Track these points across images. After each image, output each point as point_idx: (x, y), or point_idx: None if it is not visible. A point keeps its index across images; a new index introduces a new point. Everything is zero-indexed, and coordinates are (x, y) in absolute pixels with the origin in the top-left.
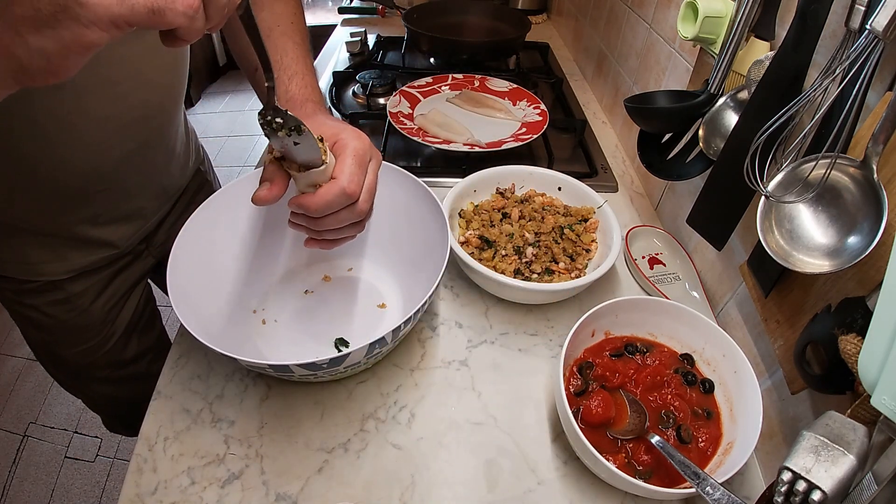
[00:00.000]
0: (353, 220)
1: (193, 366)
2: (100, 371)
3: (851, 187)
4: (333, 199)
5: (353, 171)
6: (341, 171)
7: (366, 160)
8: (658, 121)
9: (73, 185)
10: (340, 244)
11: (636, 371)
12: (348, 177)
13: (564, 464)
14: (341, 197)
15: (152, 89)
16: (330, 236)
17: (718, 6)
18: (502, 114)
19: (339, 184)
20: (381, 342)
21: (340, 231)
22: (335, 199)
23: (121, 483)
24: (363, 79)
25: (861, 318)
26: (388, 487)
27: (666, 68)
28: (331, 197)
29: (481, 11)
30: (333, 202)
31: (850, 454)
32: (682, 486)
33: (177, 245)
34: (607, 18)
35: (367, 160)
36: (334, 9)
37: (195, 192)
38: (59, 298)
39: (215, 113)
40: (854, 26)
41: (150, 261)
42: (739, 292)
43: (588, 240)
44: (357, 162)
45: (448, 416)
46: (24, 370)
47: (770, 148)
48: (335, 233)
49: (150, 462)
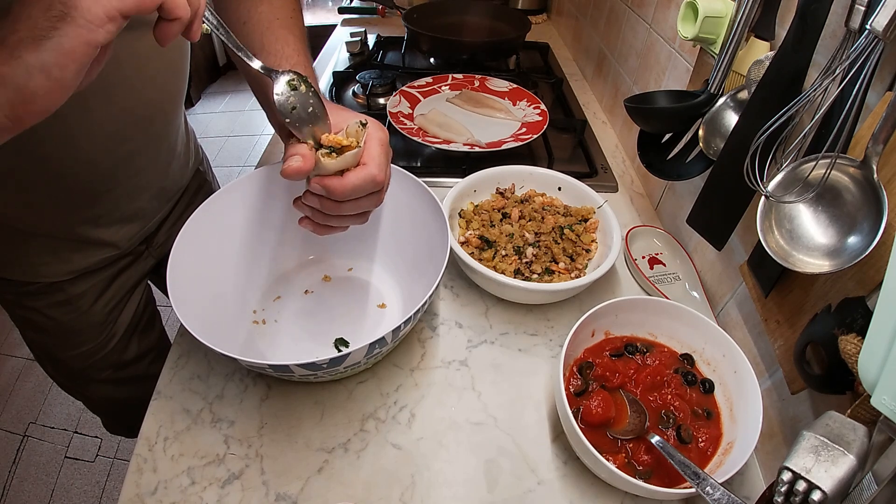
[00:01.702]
0: (369, 208)
1: (193, 366)
2: (100, 372)
3: (851, 187)
4: (362, 183)
5: (382, 159)
6: (371, 158)
7: (389, 150)
8: (658, 121)
9: (75, 185)
10: (335, 231)
11: (636, 371)
12: (378, 164)
13: (564, 464)
14: (369, 183)
15: (153, 90)
16: (335, 222)
17: (718, 6)
18: (502, 114)
19: (370, 170)
20: (381, 342)
21: (349, 219)
22: (363, 185)
23: (121, 483)
24: (363, 79)
25: (861, 318)
26: (388, 487)
27: (666, 68)
28: (360, 182)
29: (481, 11)
30: (361, 187)
31: (850, 454)
32: (682, 486)
33: (177, 245)
34: (607, 18)
35: (390, 150)
36: (334, 9)
37: (195, 192)
38: (60, 300)
39: (215, 113)
40: (854, 26)
41: (151, 261)
42: (739, 292)
43: (588, 240)
44: (384, 151)
45: (448, 416)
46: (24, 370)
47: (770, 148)
48: (341, 220)
49: (150, 462)
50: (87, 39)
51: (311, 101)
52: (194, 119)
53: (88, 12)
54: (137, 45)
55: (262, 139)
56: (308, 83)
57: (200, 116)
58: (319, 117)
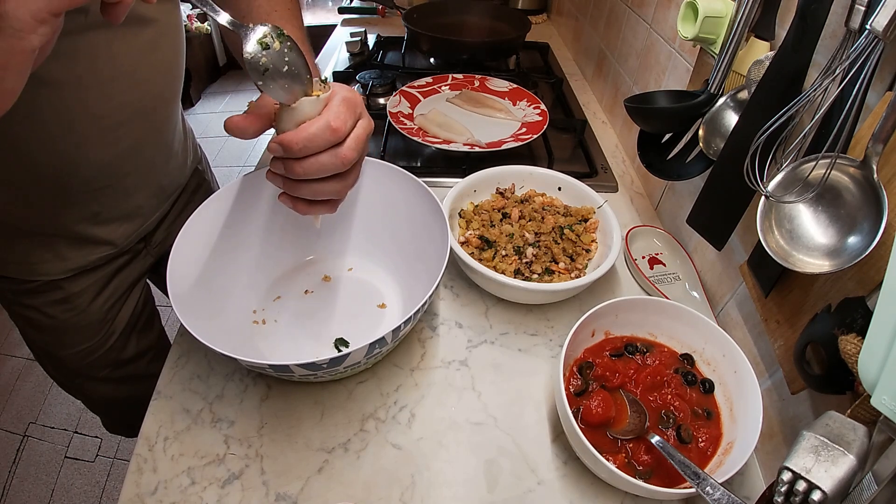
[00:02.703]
0: (337, 170)
1: (193, 366)
2: (99, 371)
3: (851, 187)
4: (317, 131)
5: (339, 109)
6: (328, 110)
7: (355, 108)
8: (658, 121)
9: (72, 182)
10: (317, 210)
11: (636, 371)
12: (335, 113)
13: (564, 464)
14: (325, 131)
15: (148, 86)
16: (307, 192)
17: (718, 6)
18: (502, 114)
19: (324, 117)
20: (381, 342)
21: (320, 186)
22: (318, 133)
23: (121, 483)
24: (363, 79)
25: (861, 318)
26: (388, 487)
27: (666, 68)
28: (314, 129)
29: (481, 11)
30: (316, 135)
31: (850, 454)
32: (682, 486)
33: (176, 245)
34: (607, 18)
35: (356, 109)
36: (334, 9)
37: (193, 191)
38: (58, 298)
39: (215, 113)
40: (854, 26)
41: (149, 259)
42: (739, 292)
43: (588, 240)
44: (346, 104)
45: (448, 416)
46: (24, 370)
47: (770, 148)
48: (314, 187)
49: (150, 462)
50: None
51: (286, 59)
52: (194, 119)
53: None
54: (132, 40)
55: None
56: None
57: (200, 116)
58: (299, 76)
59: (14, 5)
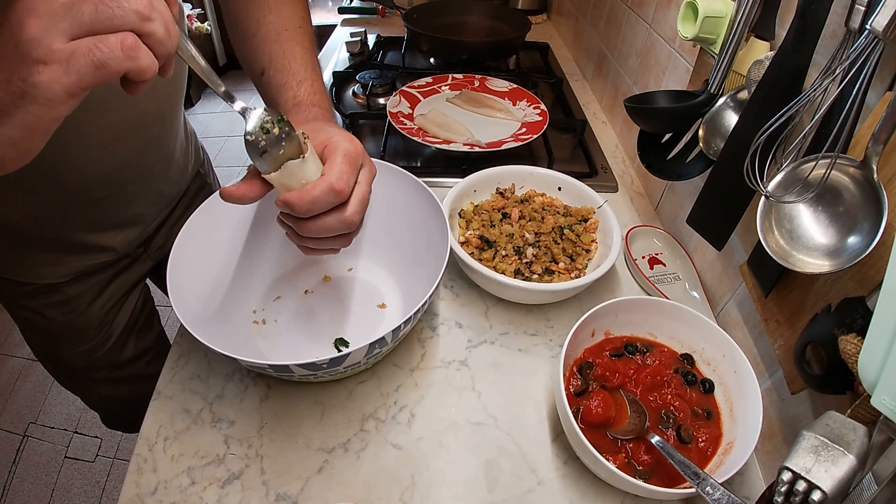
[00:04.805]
0: (342, 231)
1: (193, 366)
2: (98, 371)
3: (851, 187)
4: (320, 194)
5: (342, 169)
6: (330, 169)
7: (357, 162)
8: (658, 121)
9: (73, 192)
10: (321, 254)
11: (636, 371)
12: (337, 174)
13: (564, 464)
14: (329, 194)
15: (149, 99)
16: (312, 244)
17: (718, 6)
18: (502, 114)
19: (328, 179)
20: (381, 342)
21: (326, 241)
22: (322, 196)
23: (121, 483)
24: (363, 79)
25: (861, 318)
26: (388, 487)
27: (666, 68)
28: (318, 192)
29: (481, 11)
30: (320, 199)
31: (850, 454)
32: (682, 486)
33: (176, 246)
34: (607, 18)
35: (358, 163)
36: (334, 9)
37: (194, 194)
38: (57, 301)
39: (215, 113)
40: (854, 26)
41: (149, 263)
42: (739, 292)
43: (588, 240)
44: (347, 162)
45: (448, 416)
46: (24, 370)
47: (770, 148)
48: (319, 242)
49: (150, 462)
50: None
51: (283, 144)
52: (194, 119)
53: (49, 91)
54: None
55: None
56: (283, 122)
57: (200, 116)
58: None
59: (48, 78)
